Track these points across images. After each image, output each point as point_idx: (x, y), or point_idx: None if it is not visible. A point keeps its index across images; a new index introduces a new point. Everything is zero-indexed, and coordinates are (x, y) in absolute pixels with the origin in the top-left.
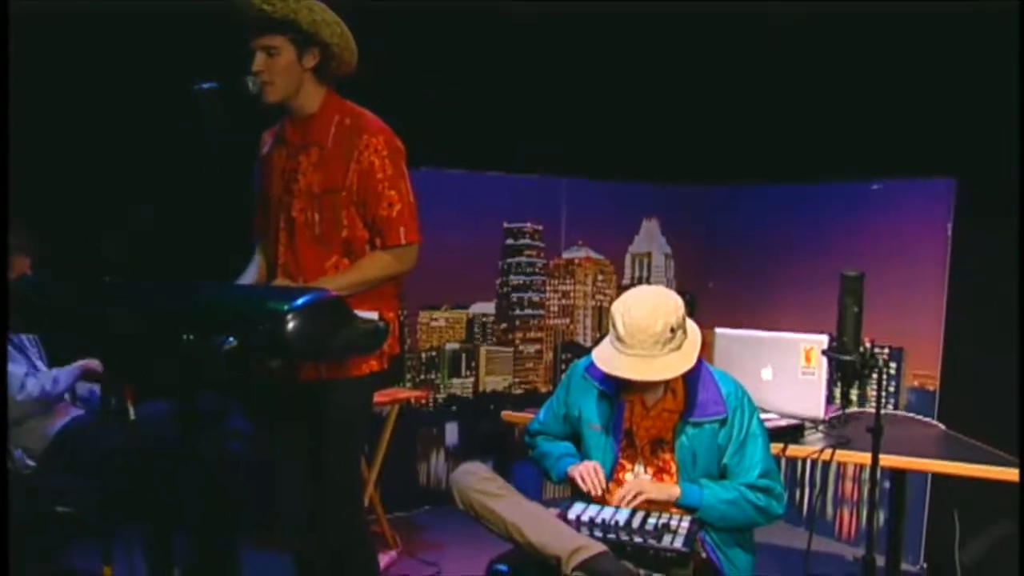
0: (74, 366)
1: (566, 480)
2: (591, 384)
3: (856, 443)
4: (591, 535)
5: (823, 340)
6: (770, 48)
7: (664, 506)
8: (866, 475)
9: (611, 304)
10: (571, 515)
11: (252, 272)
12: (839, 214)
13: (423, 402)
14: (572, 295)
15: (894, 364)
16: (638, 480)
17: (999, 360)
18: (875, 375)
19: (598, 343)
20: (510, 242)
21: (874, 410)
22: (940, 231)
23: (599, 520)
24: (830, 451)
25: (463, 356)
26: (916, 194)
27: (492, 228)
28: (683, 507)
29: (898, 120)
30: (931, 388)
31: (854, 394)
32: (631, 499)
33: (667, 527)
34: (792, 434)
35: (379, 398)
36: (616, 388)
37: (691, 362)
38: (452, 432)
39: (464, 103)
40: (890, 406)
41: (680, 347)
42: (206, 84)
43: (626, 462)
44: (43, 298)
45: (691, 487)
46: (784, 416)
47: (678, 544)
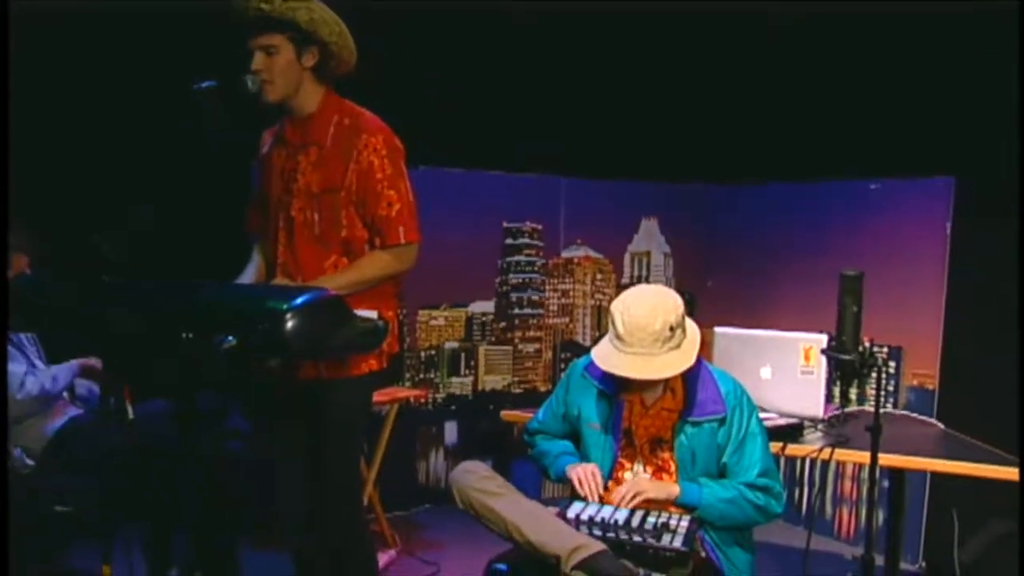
0: (72, 363)
1: (565, 479)
2: (590, 383)
3: (855, 442)
4: (590, 534)
5: (822, 339)
6: (769, 47)
7: (663, 505)
8: (865, 474)
9: (610, 303)
10: (570, 514)
11: (251, 271)
12: (838, 213)
13: (422, 401)
14: (571, 294)
15: (893, 363)
16: (637, 480)
17: (998, 359)
18: (874, 374)
19: (597, 342)
20: (509, 241)
21: (873, 409)
22: (939, 230)
23: (598, 519)
24: (829, 450)
25: (462, 355)
26: (915, 193)
27: (491, 227)
28: (682, 506)
29: (897, 119)
30: (930, 387)
31: (853, 393)
32: (630, 499)
33: (666, 526)
34: (791, 433)
35: (378, 397)
36: (615, 387)
37: (690, 361)
38: (451, 431)
39: (463, 102)
40: (889, 405)
41: (679, 346)
42: (205, 83)
43: (625, 461)
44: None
45: (690, 486)
46: (783, 415)
47: (677, 543)
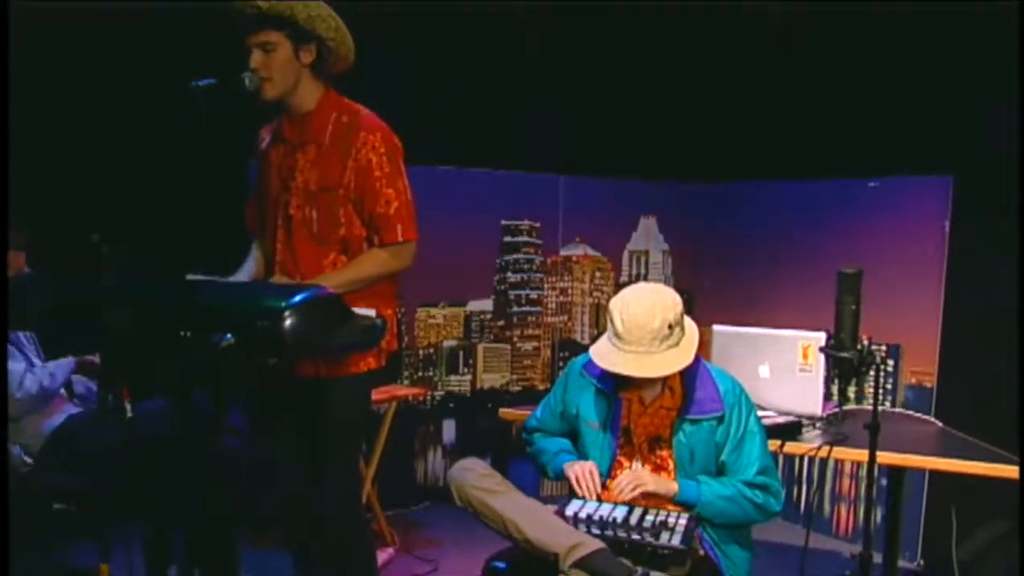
0: (69, 359)
1: (563, 477)
2: (589, 381)
3: (853, 440)
4: (588, 532)
5: (821, 337)
6: (768, 46)
7: (662, 503)
8: (863, 472)
9: (609, 301)
10: (569, 512)
11: (250, 267)
12: (837, 211)
13: (421, 399)
14: (570, 292)
15: (891, 361)
16: (638, 471)
17: (997, 357)
18: (872, 372)
19: (596, 340)
20: (508, 239)
21: (871, 407)
22: (938, 228)
23: (597, 517)
24: (827, 448)
25: (460, 353)
26: (914, 191)
27: (490, 225)
28: (681, 503)
29: (896, 117)
30: (928, 385)
31: (851, 391)
32: (631, 490)
33: (665, 524)
34: (790, 431)
35: (377, 395)
36: (614, 385)
37: (689, 359)
38: (450, 429)
39: (462, 100)
40: (887, 403)
41: (678, 344)
42: (203, 81)
43: (624, 459)
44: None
45: (689, 484)
46: (782, 413)
47: (676, 541)
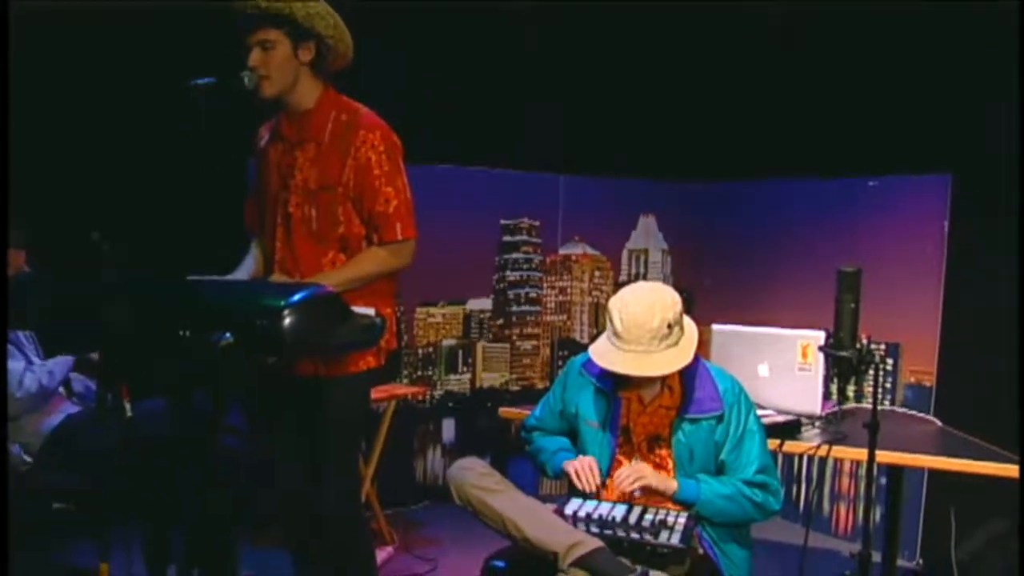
0: (67, 357)
1: (562, 475)
2: (588, 381)
3: (853, 439)
4: (588, 531)
5: (820, 336)
6: (767, 45)
7: (661, 502)
8: (863, 471)
9: (608, 300)
10: (568, 511)
11: (249, 265)
12: (836, 210)
13: (420, 398)
14: (569, 291)
15: (891, 360)
16: (639, 464)
17: (996, 356)
18: (872, 371)
19: (595, 339)
20: (507, 238)
21: (871, 406)
22: (937, 227)
23: (596, 516)
24: (827, 447)
25: (460, 352)
26: (913, 190)
27: (489, 224)
28: (680, 502)
29: (895, 116)
30: (928, 384)
31: (851, 390)
32: (632, 481)
33: (664, 523)
34: (789, 430)
35: (376, 394)
36: (613, 385)
37: (688, 358)
38: (449, 428)
39: (460, 98)
40: (887, 402)
41: (677, 343)
42: (202, 80)
43: (623, 459)
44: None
45: (688, 482)
46: (781, 412)
47: (675, 540)
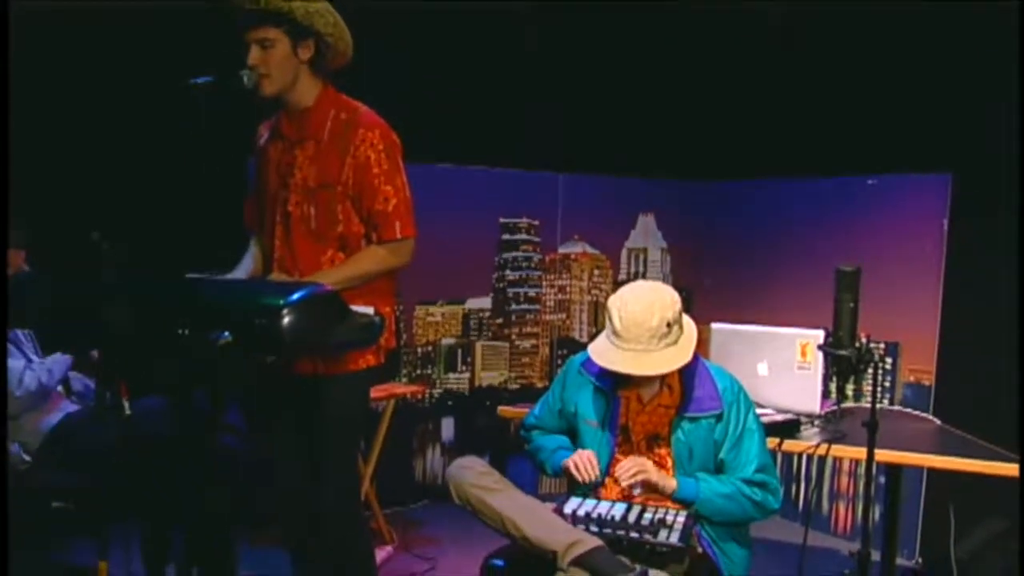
0: (67, 355)
1: (561, 473)
2: (587, 380)
3: (852, 438)
4: (587, 529)
5: (819, 335)
6: (766, 44)
7: (660, 500)
8: (862, 470)
9: (607, 299)
10: (567, 509)
11: (248, 263)
12: (835, 209)
13: (419, 397)
14: (568, 290)
15: (890, 359)
16: (640, 458)
17: (995, 355)
18: (871, 370)
19: (594, 338)
20: (506, 237)
21: (870, 405)
22: (936, 226)
23: (595, 515)
24: (826, 446)
25: (459, 351)
26: (912, 189)
27: (488, 223)
28: (679, 501)
29: (894, 115)
30: (927, 383)
31: (850, 389)
32: (632, 474)
33: (663, 522)
34: (788, 429)
35: (375, 393)
36: (612, 383)
37: (687, 357)
38: (448, 427)
39: (460, 97)
40: (886, 401)
41: (676, 342)
42: (201, 79)
43: (622, 457)
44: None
45: (688, 481)
46: (780, 411)
47: (674, 539)
